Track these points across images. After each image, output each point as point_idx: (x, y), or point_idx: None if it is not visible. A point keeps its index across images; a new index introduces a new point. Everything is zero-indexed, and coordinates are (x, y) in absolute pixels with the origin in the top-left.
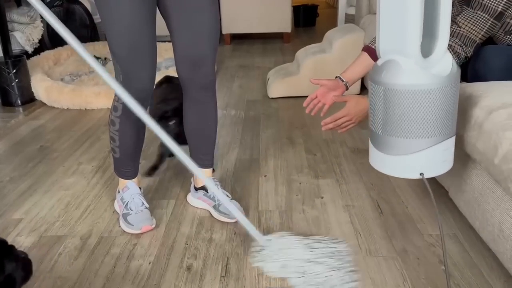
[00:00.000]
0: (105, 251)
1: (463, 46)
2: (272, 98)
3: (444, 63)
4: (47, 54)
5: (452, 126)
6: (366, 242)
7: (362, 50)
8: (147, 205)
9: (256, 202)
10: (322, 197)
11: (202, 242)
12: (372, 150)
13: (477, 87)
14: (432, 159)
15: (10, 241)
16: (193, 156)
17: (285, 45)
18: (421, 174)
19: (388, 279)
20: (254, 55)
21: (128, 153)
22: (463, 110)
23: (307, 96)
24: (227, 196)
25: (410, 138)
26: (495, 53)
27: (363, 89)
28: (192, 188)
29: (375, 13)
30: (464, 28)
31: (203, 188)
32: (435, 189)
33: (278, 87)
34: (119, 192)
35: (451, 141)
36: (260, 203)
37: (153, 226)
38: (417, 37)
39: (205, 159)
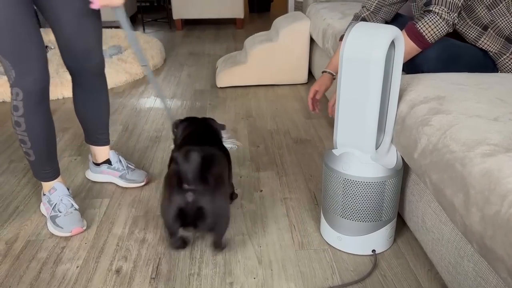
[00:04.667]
0: (31, 256)
1: (450, 12)
2: (220, 87)
3: (390, 156)
4: None
5: (397, 209)
6: (300, 235)
7: (339, 40)
8: (77, 207)
9: None
10: (261, 191)
11: (135, 243)
12: (326, 228)
13: (404, 80)
14: (383, 237)
15: None
16: (90, 137)
17: (238, 31)
18: (373, 251)
19: (318, 272)
20: (206, 42)
21: (43, 153)
22: None
23: (255, 86)
24: (130, 166)
25: (366, 222)
26: None
27: (311, 78)
28: (91, 164)
29: (321, 1)
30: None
31: (107, 162)
32: None
33: (226, 76)
34: (44, 194)
35: (395, 221)
36: None
37: (84, 228)
38: (374, 136)
39: (102, 138)
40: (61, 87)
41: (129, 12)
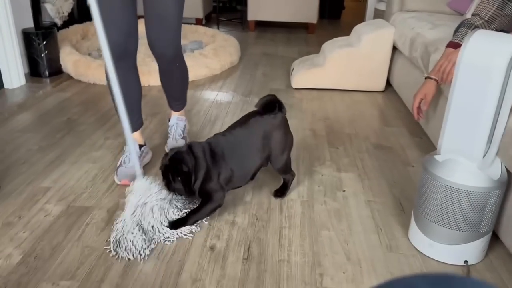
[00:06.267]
0: None
1: (486, 24)
2: (295, 88)
3: (494, 167)
4: (76, 28)
5: (495, 221)
6: (387, 238)
7: (447, 46)
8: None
9: None
10: (344, 191)
11: (225, 224)
12: (417, 234)
13: None
14: (477, 249)
15: (38, 208)
16: (169, 103)
17: (309, 36)
18: (465, 261)
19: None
20: (278, 44)
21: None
22: None
23: (330, 89)
24: (182, 132)
25: (463, 231)
26: None
27: (388, 86)
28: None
29: (407, 11)
30: (480, 9)
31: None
32: None
33: (302, 77)
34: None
35: (491, 234)
36: None
37: (132, 183)
38: (484, 145)
39: (175, 105)
40: (148, 76)
41: (205, 11)
